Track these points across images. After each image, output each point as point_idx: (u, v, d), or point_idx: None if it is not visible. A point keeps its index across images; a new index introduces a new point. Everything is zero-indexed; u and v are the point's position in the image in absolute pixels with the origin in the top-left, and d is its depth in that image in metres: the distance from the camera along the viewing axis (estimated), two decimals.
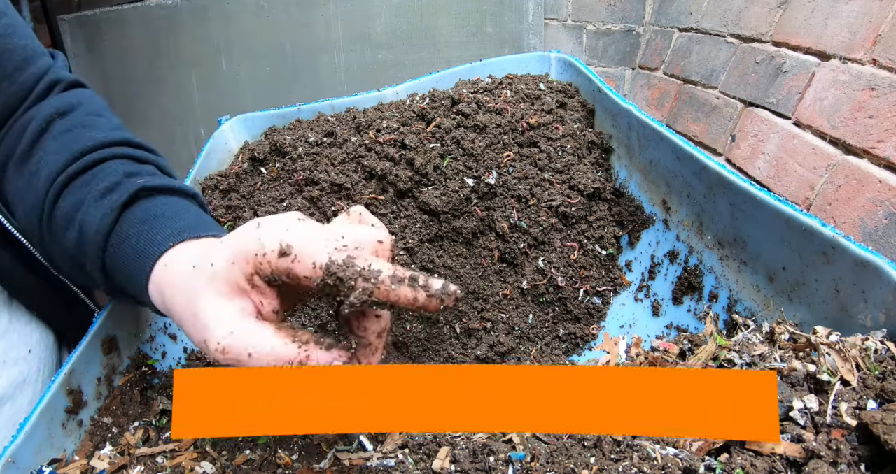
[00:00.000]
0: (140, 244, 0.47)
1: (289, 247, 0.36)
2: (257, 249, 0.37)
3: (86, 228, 0.49)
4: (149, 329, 0.66)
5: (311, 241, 0.36)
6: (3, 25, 0.55)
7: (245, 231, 0.38)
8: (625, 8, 1.57)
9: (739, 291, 0.62)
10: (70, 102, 0.57)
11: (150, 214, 0.49)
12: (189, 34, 1.86)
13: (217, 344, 0.36)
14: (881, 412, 0.36)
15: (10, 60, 0.55)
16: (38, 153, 0.54)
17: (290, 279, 0.37)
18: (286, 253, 0.36)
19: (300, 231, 0.37)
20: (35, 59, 0.57)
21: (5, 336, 0.56)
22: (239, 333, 0.37)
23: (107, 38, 1.97)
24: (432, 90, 0.91)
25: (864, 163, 0.83)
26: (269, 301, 0.39)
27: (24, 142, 0.54)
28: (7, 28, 0.55)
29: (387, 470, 0.45)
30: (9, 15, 0.56)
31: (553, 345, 0.79)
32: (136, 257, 0.47)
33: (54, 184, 0.52)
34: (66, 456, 0.50)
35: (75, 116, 0.57)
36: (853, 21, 0.91)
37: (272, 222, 0.38)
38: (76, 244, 0.50)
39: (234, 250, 0.38)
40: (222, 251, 0.38)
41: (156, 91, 2.00)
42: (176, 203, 0.52)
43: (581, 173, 0.82)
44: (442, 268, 0.76)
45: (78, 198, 0.51)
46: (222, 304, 0.38)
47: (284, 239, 0.36)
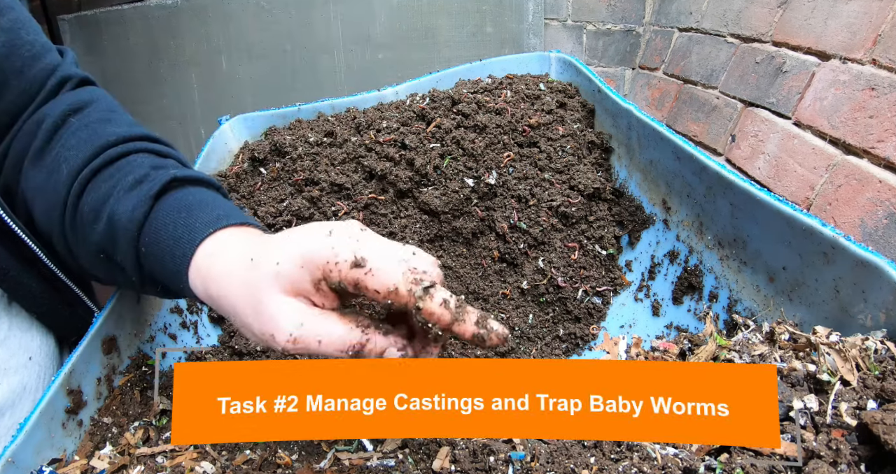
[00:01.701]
0: (178, 231, 0.47)
1: (363, 260, 0.37)
2: (330, 257, 0.38)
3: (117, 219, 0.49)
4: (149, 329, 0.66)
5: (386, 258, 0.38)
6: (9, 20, 0.55)
7: (316, 236, 0.39)
8: (625, 8, 1.57)
9: (739, 291, 0.62)
10: (83, 99, 0.58)
11: (185, 203, 0.50)
12: (189, 34, 1.86)
13: (289, 335, 0.38)
14: (881, 412, 0.36)
15: (18, 56, 0.55)
16: (55, 149, 0.54)
17: (355, 290, 0.38)
18: (360, 265, 0.37)
19: (372, 244, 0.39)
20: (44, 55, 0.57)
21: (5, 343, 0.56)
22: (308, 324, 0.38)
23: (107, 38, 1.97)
24: (432, 90, 0.91)
25: (864, 163, 0.83)
26: (330, 302, 0.40)
27: (40, 139, 0.55)
28: (14, 23, 0.55)
29: (387, 470, 0.45)
30: (16, 10, 0.56)
31: (553, 344, 0.79)
32: (174, 244, 0.47)
33: (78, 178, 0.52)
34: (66, 456, 0.50)
35: (90, 113, 0.57)
36: (853, 21, 0.91)
37: (343, 230, 0.39)
38: (105, 236, 0.50)
39: (303, 254, 0.39)
40: (290, 251, 0.39)
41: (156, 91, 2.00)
42: (206, 193, 0.53)
43: (581, 173, 0.82)
44: (442, 268, 0.76)
45: (104, 192, 0.51)
46: (289, 300, 0.39)
47: (359, 251, 0.38)
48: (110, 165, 0.53)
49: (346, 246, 0.38)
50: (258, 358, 0.69)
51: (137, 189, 0.50)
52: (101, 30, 1.98)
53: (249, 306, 0.40)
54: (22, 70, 0.55)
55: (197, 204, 0.50)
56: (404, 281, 0.37)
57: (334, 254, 0.38)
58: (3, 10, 0.54)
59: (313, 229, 0.40)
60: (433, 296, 0.37)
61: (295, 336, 0.38)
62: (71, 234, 0.53)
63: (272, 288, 0.39)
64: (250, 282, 0.40)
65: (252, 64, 1.85)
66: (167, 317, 0.70)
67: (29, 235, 0.56)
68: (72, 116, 0.56)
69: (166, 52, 1.92)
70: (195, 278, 0.45)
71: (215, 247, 0.46)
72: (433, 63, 1.64)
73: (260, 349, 0.70)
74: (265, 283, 0.39)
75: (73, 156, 0.53)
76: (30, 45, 0.56)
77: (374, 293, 0.37)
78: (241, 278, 0.42)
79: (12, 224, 0.54)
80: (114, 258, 0.51)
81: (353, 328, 0.39)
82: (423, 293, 0.37)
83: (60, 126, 0.55)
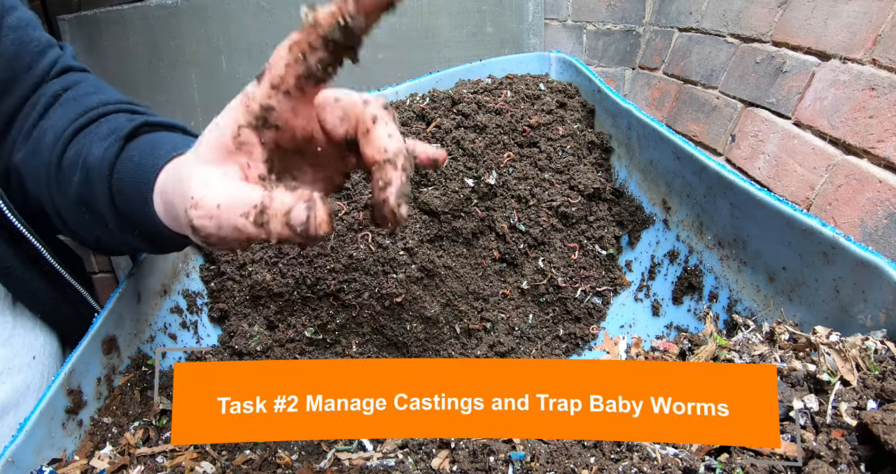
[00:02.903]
0: (144, 160, 0.46)
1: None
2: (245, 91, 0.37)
3: (90, 163, 0.49)
4: (149, 329, 0.66)
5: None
6: (16, 18, 0.56)
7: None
8: (625, 8, 1.57)
9: (739, 291, 0.62)
10: (75, 79, 0.59)
11: (155, 140, 0.50)
12: (189, 34, 1.86)
13: (191, 198, 0.36)
14: (881, 412, 0.36)
15: (27, 53, 0.56)
16: (45, 120, 0.56)
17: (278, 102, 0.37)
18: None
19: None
20: (49, 49, 0.59)
21: (9, 342, 0.56)
22: (213, 185, 0.36)
23: (107, 38, 1.97)
24: (432, 90, 0.91)
25: (864, 163, 0.83)
26: (256, 164, 0.38)
27: (33, 117, 0.56)
28: (20, 21, 0.57)
29: (387, 470, 0.45)
30: (20, 8, 0.58)
31: (553, 345, 0.79)
32: (139, 172, 0.46)
33: (60, 138, 0.53)
34: (66, 456, 0.50)
35: (80, 88, 0.58)
36: (853, 21, 0.91)
37: None
38: (82, 184, 0.50)
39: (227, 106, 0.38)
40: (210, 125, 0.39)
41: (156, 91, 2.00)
42: (178, 136, 0.52)
43: (581, 173, 0.82)
44: (442, 268, 0.76)
45: (82, 145, 0.52)
46: (206, 169, 0.38)
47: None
48: (91, 123, 0.54)
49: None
50: (258, 358, 0.69)
51: (111, 136, 0.51)
52: (101, 30, 1.98)
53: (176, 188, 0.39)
54: (31, 65, 0.57)
55: (166, 140, 0.49)
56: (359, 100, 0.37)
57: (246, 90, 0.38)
58: (8, 10, 0.56)
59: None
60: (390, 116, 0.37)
61: (196, 198, 0.35)
62: (56, 193, 0.53)
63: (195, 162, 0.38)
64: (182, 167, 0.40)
65: (252, 64, 1.85)
66: (167, 317, 0.70)
67: (33, 233, 0.56)
68: (62, 94, 0.57)
69: (166, 52, 1.92)
70: (158, 201, 0.44)
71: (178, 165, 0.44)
72: (433, 63, 1.64)
73: (260, 349, 0.70)
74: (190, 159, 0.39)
75: (57, 121, 0.54)
76: (36, 41, 0.58)
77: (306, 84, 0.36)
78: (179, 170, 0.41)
79: (16, 222, 0.55)
80: (92, 207, 0.50)
81: (255, 187, 0.35)
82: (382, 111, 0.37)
83: (52, 103, 0.57)
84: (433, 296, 0.74)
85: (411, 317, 0.72)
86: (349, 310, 0.72)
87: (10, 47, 0.55)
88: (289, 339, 0.72)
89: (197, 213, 0.35)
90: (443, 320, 0.74)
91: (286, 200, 0.34)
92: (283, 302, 0.73)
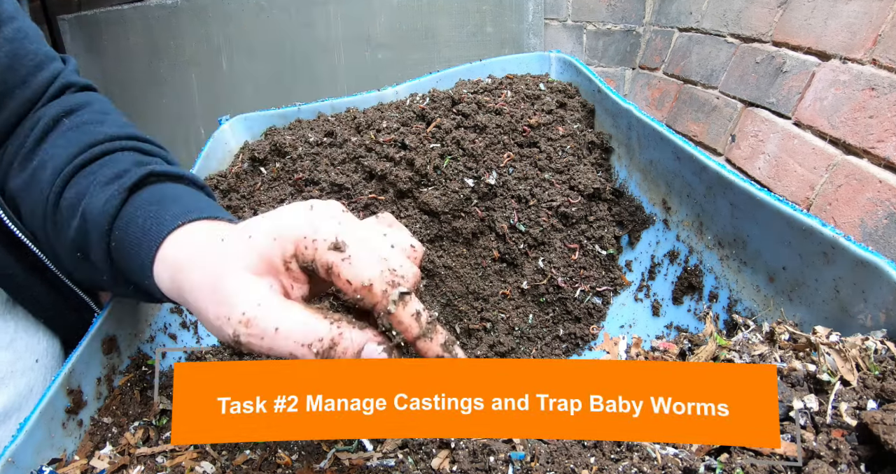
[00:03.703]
0: (147, 223, 0.44)
1: (343, 245, 0.35)
2: (308, 232, 0.35)
3: (89, 213, 0.47)
4: (149, 329, 0.66)
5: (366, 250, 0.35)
6: (13, 30, 0.54)
7: (295, 210, 0.36)
8: (625, 8, 1.57)
9: (739, 291, 0.62)
10: (78, 102, 0.57)
11: (159, 197, 0.47)
12: (189, 34, 1.86)
13: (242, 314, 0.34)
14: (881, 412, 0.36)
15: (22, 66, 0.54)
16: (43, 148, 0.53)
17: (326, 275, 0.35)
18: (339, 248, 0.34)
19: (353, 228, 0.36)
20: (47, 63, 0.57)
21: (11, 346, 0.56)
22: (267, 305, 0.34)
23: (107, 38, 1.97)
24: (432, 90, 0.91)
25: (864, 163, 0.83)
26: (300, 286, 0.37)
27: (31, 140, 0.54)
28: (18, 32, 0.55)
29: (387, 470, 0.45)
30: (19, 19, 0.56)
31: (553, 345, 0.79)
32: (142, 236, 0.44)
33: (61, 174, 0.50)
34: (66, 456, 0.50)
35: (83, 114, 0.56)
36: (853, 21, 0.91)
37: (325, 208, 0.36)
38: (79, 232, 0.48)
39: (279, 227, 0.36)
40: (264, 225, 0.36)
41: (156, 91, 2.00)
42: (184, 189, 0.50)
43: (581, 173, 0.82)
44: (442, 268, 0.76)
45: (83, 187, 0.49)
46: (250, 278, 0.35)
47: (340, 234, 0.35)
48: (93, 162, 0.51)
49: (327, 224, 0.35)
50: (258, 358, 0.69)
51: (115, 183, 0.48)
52: (101, 30, 1.98)
53: (208, 285, 0.36)
54: (26, 79, 0.55)
55: (172, 197, 0.47)
56: (381, 279, 0.34)
57: (313, 230, 0.35)
58: (5, 21, 0.54)
59: (292, 205, 0.37)
60: (406, 303, 0.35)
61: (248, 316, 0.34)
62: (52, 233, 0.51)
63: (237, 263, 0.35)
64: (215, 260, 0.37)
65: (252, 64, 1.85)
66: (167, 317, 0.70)
67: (33, 241, 0.56)
68: (65, 118, 0.55)
69: (166, 52, 1.92)
70: (161, 270, 0.42)
71: (184, 237, 0.42)
72: (433, 63, 1.64)
73: None
74: (231, 259, 0.36)
75: (58, 154, 0.52)
76: (33, 55, 0.55)
77: (345, 283, 0.35)
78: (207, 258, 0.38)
79: (17, 230, 0.54)
80: (89, 256, 0.49)
81: (320, 318, 0.34)
82: (398, 298, 0.35)
83: (52, 128, 0.54)
84: (433, 296, 0.74)
85: None
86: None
87: (4, 60, 0.53)
88: None
89: (248, 331, 0.34)
90: (443, 320, 0.74)
91: (356, 338, 0.34)
92: None
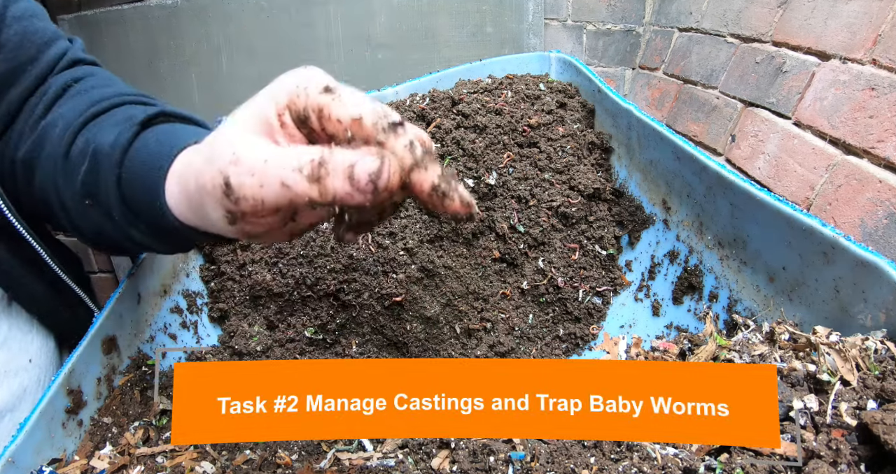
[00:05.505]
0: (159, 147, 0.44)
1: (334, 88, 0.35)
2: (301, 83, 0.36)
3: (100, 151, 0.47)
4: (149, 329, 0.66)
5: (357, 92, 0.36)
6: (21, 9, 0.55)
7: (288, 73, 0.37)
8: (625, 8, 1.57)
9: (739, 291, 0.62)
10: (86, 71, 0.58)
11: (172, 129, 0.48)
12: (189, 34, 1.86)
13: (232, 154, 0.34)
14: (881, 412, 0.36)
15: (32, 43, 0.55)
16: (53, 111, 0.54)
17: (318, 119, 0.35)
18: (330, 90, 0.35)
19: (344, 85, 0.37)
20: (56, 40, 0.58)
21: (5, 345, 0.56)
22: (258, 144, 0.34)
23: (107, 38, 1.97)
24: (432, 90, 0.91)
25: (864, 163, 0.83)
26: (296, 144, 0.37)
27: (41, 107, 0.55)
28: (26, 10, 0.56)
29: (387, 470, 0.45)
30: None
31: (553, 345, 0.79)
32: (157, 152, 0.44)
33: (70, 128, 0.51)
34: (66, 456, 0.50)
35: (90, 80, 0.57)
36: (853, 21, 0.91)
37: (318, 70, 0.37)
38: (89, 173, 0.48)
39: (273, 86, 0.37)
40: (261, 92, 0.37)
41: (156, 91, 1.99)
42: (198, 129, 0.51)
43: (581, 173, 0.82)
44: (442, 268, 0.76)
45: (93, 134, 0.50)
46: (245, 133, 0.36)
47: (332, 81, 0.36)
48: (104, 112, 0.52)
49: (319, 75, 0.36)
50: (258, 358, 0.69)
51: (125, 122, 0.49)
52: (101, 30, 1.98)
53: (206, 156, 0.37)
54: (37, 56, 0.56)
55: (182, 129, 0.48)
56: (371, 112, 0.34)
57: (305, 80, 0.36)
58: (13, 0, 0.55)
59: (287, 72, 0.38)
60: (399, 134, 0.34)
61: (238, 155, 0.33)
62: (63, 184, 0.51)
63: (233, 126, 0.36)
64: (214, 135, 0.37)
65: (252, 64, 1.85)
66: (167, 317, 0.70)
67: (33, 235, 0.56)
68: (72, 85, 0.56)
69: (166, 52, 1.92)
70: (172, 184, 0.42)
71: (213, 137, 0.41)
72: (433, 63, 1.64)
73: (260, 349, 0.70)
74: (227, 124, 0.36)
75: (68, 113, 0.53)
76: (42, 32, 0.56)
77: (336, 123, 0.35)
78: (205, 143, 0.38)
79: (16, 222, 0.54)
80: (98, 197, 0.48)
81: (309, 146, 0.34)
82: (389, 128, 0.34)
83: (61, 95, 0.55)
84: (433, 296, 0.74)
85: (411, 317, 0.72)
86: (349, 310, 0.72)
87: (14, 37, 0.53)
88: (289, 339, 0.72)
89: (237, 169, 0.33)
90: (443, 320, 0.74)
91: (348, 155, 0.32)
92: (283, 302, 0.73)
